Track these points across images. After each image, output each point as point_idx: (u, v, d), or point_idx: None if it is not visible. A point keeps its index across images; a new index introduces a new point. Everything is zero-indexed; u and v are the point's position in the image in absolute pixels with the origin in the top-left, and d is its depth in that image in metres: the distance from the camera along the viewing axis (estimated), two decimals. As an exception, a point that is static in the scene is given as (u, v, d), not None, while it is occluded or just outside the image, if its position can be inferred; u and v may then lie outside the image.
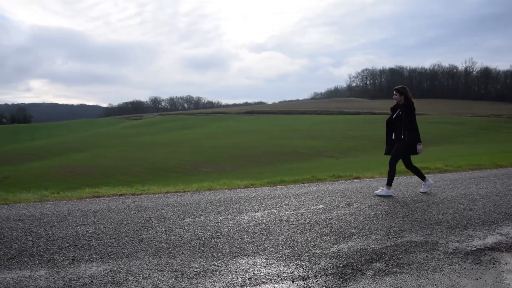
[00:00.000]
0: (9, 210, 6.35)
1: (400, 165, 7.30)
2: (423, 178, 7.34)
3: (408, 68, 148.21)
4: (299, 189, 7.95)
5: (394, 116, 7.11)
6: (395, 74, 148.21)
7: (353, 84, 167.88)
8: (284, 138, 62.46)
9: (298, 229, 4.91)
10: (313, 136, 61.30)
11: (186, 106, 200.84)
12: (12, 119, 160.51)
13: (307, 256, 3.93)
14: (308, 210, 5.99)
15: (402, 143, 6.96)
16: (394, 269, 3.56)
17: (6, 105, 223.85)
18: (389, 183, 7.05)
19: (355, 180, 9.20)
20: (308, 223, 5.22)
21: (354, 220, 5.34)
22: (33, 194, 7.82)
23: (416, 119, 7.09)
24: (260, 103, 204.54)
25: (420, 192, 7.29)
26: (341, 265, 3.66)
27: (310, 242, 4.39)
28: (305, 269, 3.58)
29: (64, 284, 3.33)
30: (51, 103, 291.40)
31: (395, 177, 7.18)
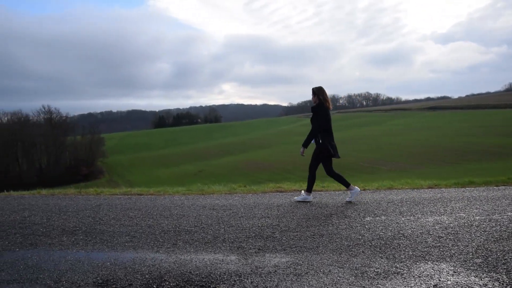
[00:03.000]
0: (204, 200, 7.14)
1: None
2: (347, 185, 6.68)
3: None
4: (492, 192, 7.15)
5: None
6: None
7: None
8: (471, 135, 56.88)
9: (492, 237, 4.41)
10: (507, 133, 54.38)
11: (364, 103, 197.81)
12: (205, 119, 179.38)
13: (504, 268, 3.49)
14: (505, 216, 5.33)
15: (317, 146, 6.58)
16: None
17: (201, 107, 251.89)
18: (308, 189, 6.73)
19: None
20: (505, 231, 4.64)
21: None
22: (223, 186, 8.65)
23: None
24: (444, 97, 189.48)
25: (347, 200, 6.63)
26: (549, 283, 3.16)
27: (508, 253, 3.89)
28: (502, 284, 3.18)
29: (251, 271, 3.59)
30: (237, 104, 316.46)
31: None
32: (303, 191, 7.00)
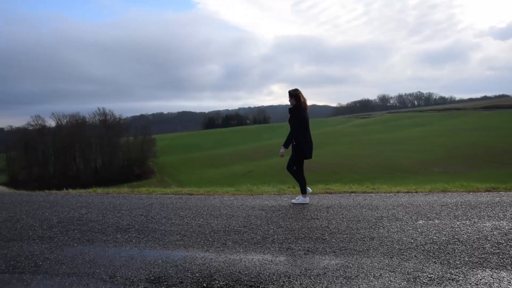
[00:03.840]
0: (254, 200, 7.18)
1: None
2: (303, 191, 6.77)
3: None
4: (556, 197, 6.74)
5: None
6: None
7: None
8: (534, 136, 53.96)
9: (556, 244, 4.16)
10: None
11: (415, 103, 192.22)
12: (254, 120, 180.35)
13: None
14: None
15: (295, 148, 6.73)
16: None
17: (250, 108, 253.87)
18: (303, 191, 6.79)
19: None
20: None
21: None
22: (272, 187, 8.66)
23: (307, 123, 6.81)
24: (503, 96, 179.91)
25: (292, 202, 6.78)
26: None
27: None
28: None
29: (300, 272, 3.57)
30: (286, 105, 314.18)
31: None
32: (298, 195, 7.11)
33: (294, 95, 6.84)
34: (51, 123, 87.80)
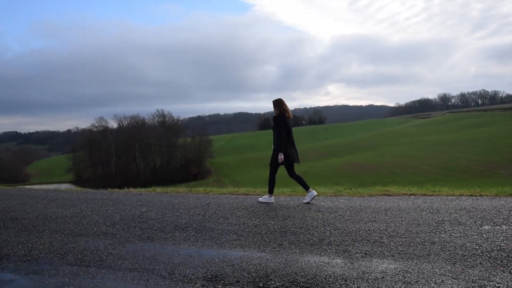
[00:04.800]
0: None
1: None
2: (306, 188, 7.16)
3: None
4: None
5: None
6: None
7: None
8: None
9: None
10: None
11: (479, 101, 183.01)
12: (309, 120, 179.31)
13: None
14: None
15: (275, 153, 7.13)
16: None
17: (305, 108, 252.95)
18: (269, 191, 7.32)
19: None
20: None
21: None
22: (329, 188, 8.57)
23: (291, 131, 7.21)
24: None
25: (303, 202, 7.07)
26: None
27: None
28: None
29: (357, 275, 3.51)
30: (342, 105, 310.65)
31: None
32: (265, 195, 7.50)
33: (278, 105, 7.30)
34: (113, 124, 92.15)
